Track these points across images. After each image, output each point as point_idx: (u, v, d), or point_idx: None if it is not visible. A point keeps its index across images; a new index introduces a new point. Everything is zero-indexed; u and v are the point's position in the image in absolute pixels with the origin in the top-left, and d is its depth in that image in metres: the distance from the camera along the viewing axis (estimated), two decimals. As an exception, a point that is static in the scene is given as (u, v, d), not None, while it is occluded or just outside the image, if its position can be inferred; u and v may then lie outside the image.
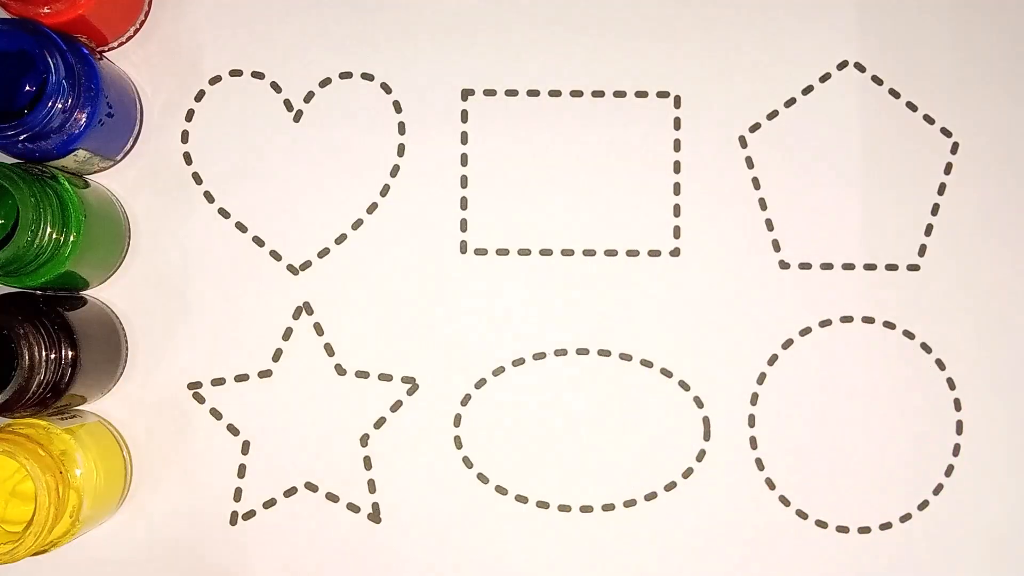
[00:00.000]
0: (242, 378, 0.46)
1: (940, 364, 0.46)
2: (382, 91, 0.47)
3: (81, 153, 0.42)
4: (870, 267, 0.47)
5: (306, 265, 0.46)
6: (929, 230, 0.47)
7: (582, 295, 0.46)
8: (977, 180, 0.47)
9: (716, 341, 0.46)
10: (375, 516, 0.46)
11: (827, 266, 0.47)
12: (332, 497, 0.46)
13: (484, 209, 0.47)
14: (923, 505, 0.46)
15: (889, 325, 0.46)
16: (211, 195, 0.46)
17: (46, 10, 0.41)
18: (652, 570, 0.46)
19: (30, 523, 0.39)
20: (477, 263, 0.47)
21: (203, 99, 0.47)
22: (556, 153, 0.47)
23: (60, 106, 0.39)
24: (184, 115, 0.46)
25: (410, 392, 0.46)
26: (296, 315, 0.46)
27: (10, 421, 0.42)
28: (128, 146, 0.46)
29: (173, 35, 0.46)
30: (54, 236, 0.40)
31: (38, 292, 0.43)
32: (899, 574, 0.46)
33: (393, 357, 0.46)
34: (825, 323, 0.47)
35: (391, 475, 0.46)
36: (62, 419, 0.43)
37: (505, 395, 0.46)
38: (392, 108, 0.47)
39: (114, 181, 0.46)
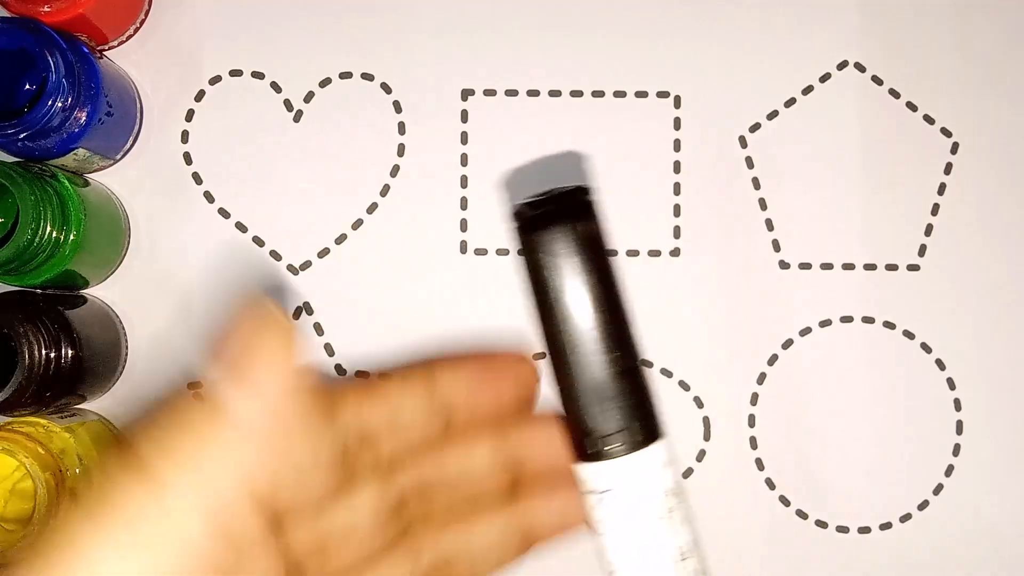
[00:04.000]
0: (242, 378, 0.46)
1: (940, 364, 0.46)
2: (382, 91, 0.47)
3: (81, 152, 0.42)
4: (870, 267, 0.47)
5: (306, 265, 0.46)
6: (929, 230, 0.47)
7: (582, 295, 0.46)
8: (977, 180, 0.47)
9: (716, 341, 0.46)
10: (375, 516, 0.46)
11: (827, 266, 0.47)
12: (332, 497, 0.46)
13: (484, 209, 0.47)
14: (923, 505, 0.46)
15: (889, 325, 0.46)
16: (211, 195, 0.46)
17: (46, 9, 0.41)
18: (652, 570, 0.46)
19: (29, 521, 0.39)
20: (477, 263, 0.47)
21: (203, 99, 0.47)
22: (556, 153, 0.47)
23: (60, 105, 0.39)
24: (184, 115, 0.46)
25: (410, 392, 0.46)
26: (296, 315, 0.46)
27: (10, 419, 0.42)
28: (128, 145, 0.46)
29: (173, 35, 0.47)
30: (54, 235, 0.40)
31: (38, 291, 0.43)
32: (899, 574, 0.46)
33: (393, 357, 0.46)
34: (825, 323, 0.47)
35: (391, 475, 0.46)
36: (62, 418, 0.43)
37: (505, 395, 0.46)
38: (392, 108, 0.47)
39: (114, 180, 0.46)
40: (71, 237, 0.41)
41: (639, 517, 0.32)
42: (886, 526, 0.46)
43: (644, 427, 0.32)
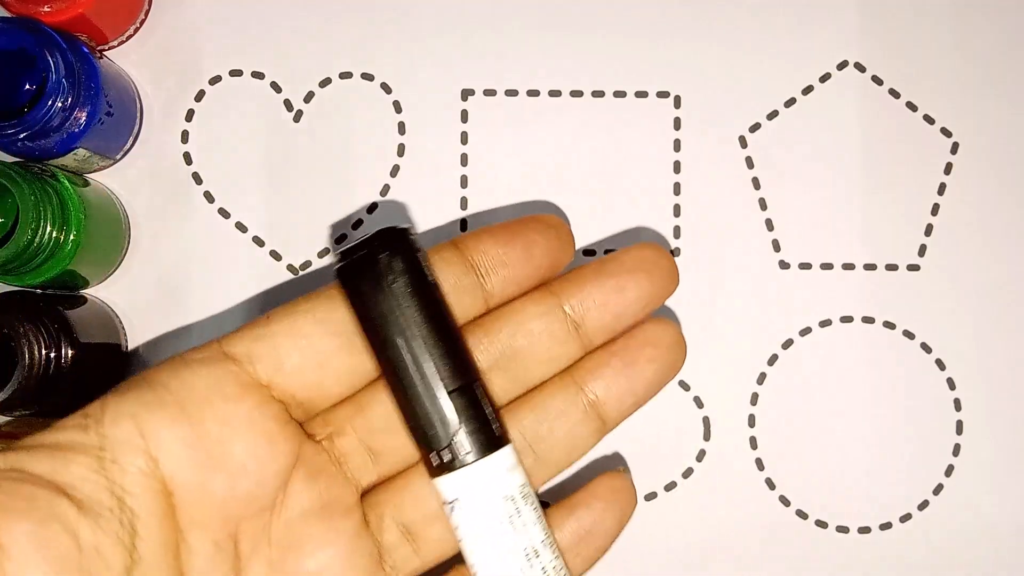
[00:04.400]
0: (242, 378, 0.46)
1: (940, 364, 0.46)
2: (382, 91, 0.47)
3: (81, 152, 0.42)
4: (870, 267, 0.47)
5: (306, 265, 0.46)
6: (929, 230, 0.47)
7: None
8: (977, 180, 0.47)
9: (716, 341, 0.46)
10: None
11: (827, 266, 0.47)
12: (332, 497, 0.46)
13: (484, 209, 0.47)
14: (923, 505, 0.46)
15: (889, 325, 0.46)
16: (211, 195, 0.46)
17: (46, 8, 0.41)
18: (651, 570, 0.46)
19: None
20: (477, 263, 0.46)
21: (203, 99, 0.47)
22: (556, 153, 0.47)
23: (60, 105, 0.39)
24: (184, 115, 0.46)
25: (410, 392, 0.46)
26: (296, 315, 0.46)
27: (10, 419, 0.42)
28: (128, 145, 0.46)
29: (173, 35, 0.47)
30: (54, 235, 0.40)
31: (38, 291, 0.43)
32: (899, 574, 0.46)
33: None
34: (825, 323, 0.47)
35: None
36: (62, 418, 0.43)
37: (505, 395, 0.46)
38: (392, 108, 0.47)
39: (114, 180, 0.46)
40: (71, 237, 0.41)
41: (486, 523, 0.35)
42: (886, 526, 0.46)
43: (479, 439, 0.35)
